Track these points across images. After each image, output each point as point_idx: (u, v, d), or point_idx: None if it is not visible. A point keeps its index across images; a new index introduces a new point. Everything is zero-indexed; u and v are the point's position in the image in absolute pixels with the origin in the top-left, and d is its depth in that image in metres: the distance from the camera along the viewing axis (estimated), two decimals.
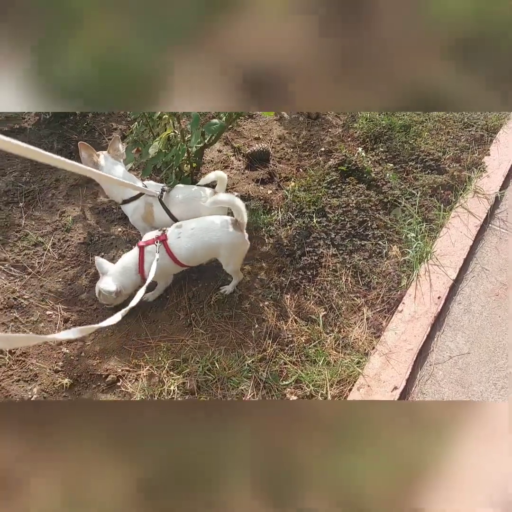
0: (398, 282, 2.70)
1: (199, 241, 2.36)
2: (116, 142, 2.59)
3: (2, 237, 2.78)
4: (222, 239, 2.37)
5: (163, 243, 2.34)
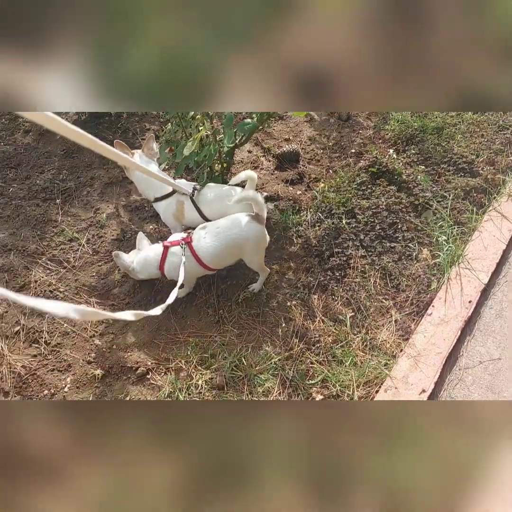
0: (428, 285, 2.66)
1: (225, 239, 2.37)
2: (151, 142, 2.66)
3: (40, 232, 2.89)
4: (248, 234, 2.39)
5: (188, 245, 2.37)
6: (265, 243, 2.54)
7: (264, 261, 2.61)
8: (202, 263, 2.39)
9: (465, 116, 3.84)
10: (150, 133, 3.73)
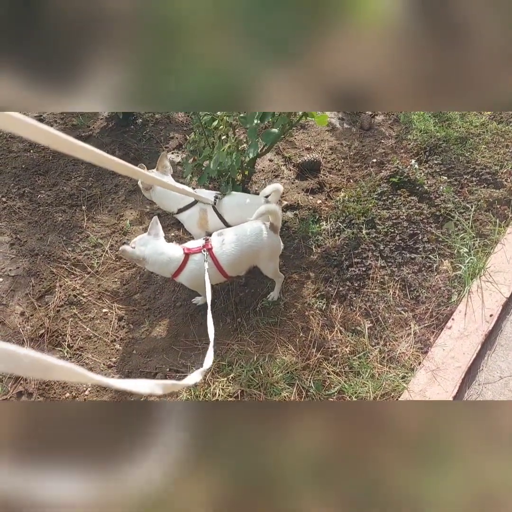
0: (448, 298, 2.64)
1: (242, 246, 2.39)
2: (164, 159, 2.71)
3: (65, 237, 2.98)
4: (263, 242, 2.42)
5: (209, 251, 2.34)
6: (279, 251, 2.57)
7: (278, 268, 2.64)
8: (222, 270, 2.40)
9: (490, 126, 3.79)
10: (174, 141, 3.81)
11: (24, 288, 2.69)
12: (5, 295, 2.64)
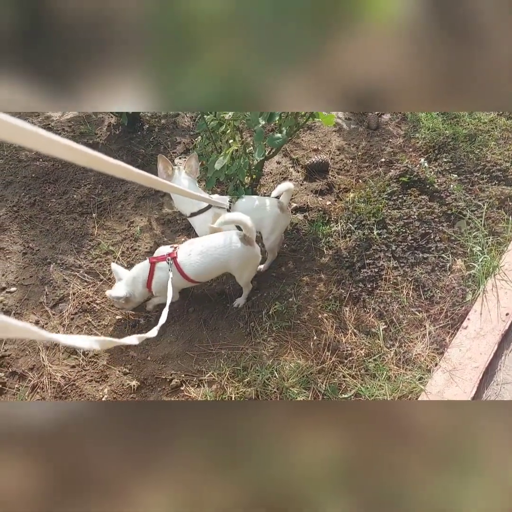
0: (463, 297, 2.61)
1: (208, 258, 2.40)
2: (192, 160, 2.71)
3: (77, 245, 2.99)
4: (231, 255, 2.41)
5: (173, 260, 2.38)
6: (253, 262, 2.53)
7: (251, 278, 2.63)
8: (187, 278, 2.43)
9: (499, 122, 3.76)
10: (181, 146, 3.81)
11: (38, 296, 2.71)
12: (19, 304, 2.66)
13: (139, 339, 1.50)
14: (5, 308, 2.62)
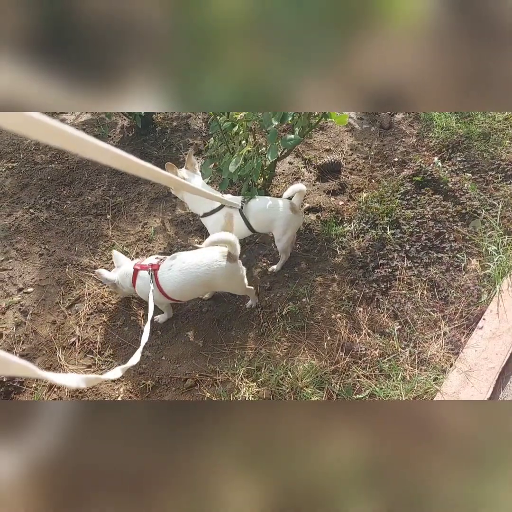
0: (478, 297, 2.59)
1: (189, 275, 2.33)
2: (192, 157, 2.74)
3: (92, 246, 3.03)
4: (216, 273, 2.35)
5: (154, 272, 2.35)
6: (238, 278, 2.47)
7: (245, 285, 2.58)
8: (163, 293, 2.37)
9: None
10: (192, 147, 3.84)
11: (54, 297, 2.75)
12: (36, 304, 2.70)
13: (122, 370, 1.53)
14: (22, 308, 2.67)
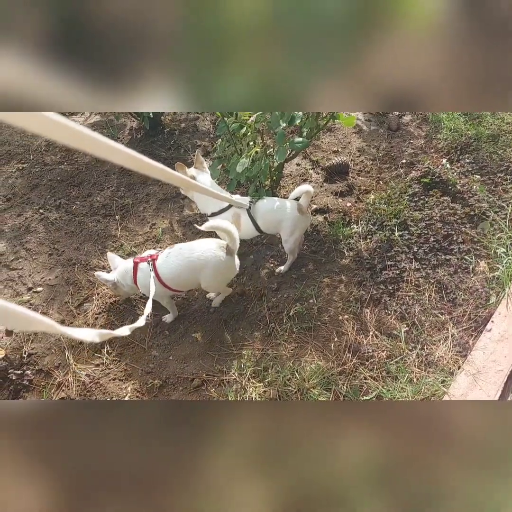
0: (487, 299, 2.57)
1: (184, 261, 2.36)
2: (200, 156, 2.77)
3: (101, 246, 3.05)
4: (208, 261, 2.36)
5: (153, 262, 2.38)
6: (229, 273, 2.51)
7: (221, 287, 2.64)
8: (161, 282, 2.39)
9: None
10: (201, 149, 3.86)
11: (63, 296, 2.77)
12: (45, 303, 2.73)
13: (130, 329, 1.63)
14: (32, 307, 2.70)
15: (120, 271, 2.51)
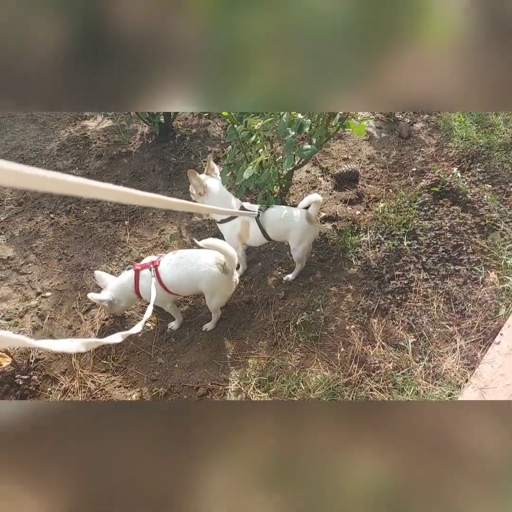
0: (496, 311, 2.54)
1: (182, 271, 2.39)
2: (211, 162, 2.77)
3: (109, 252, 3.08)
4: (203, 276, 2.39)
5: (155, 268, 2.39)
6: (225, 291, 2.51)
7: (220, 305, 2.60)
8: (163, 286, 2.41)
9: None
10: (212, 155, 3.87)
11: (71, 301, 2.80)
12: (53, 308, 2.75)
13: (122, 336, 1.52)
14: (40, 312, 2.72)
15: (114, 287, 2.48)
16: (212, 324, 2.67)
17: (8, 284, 2.88)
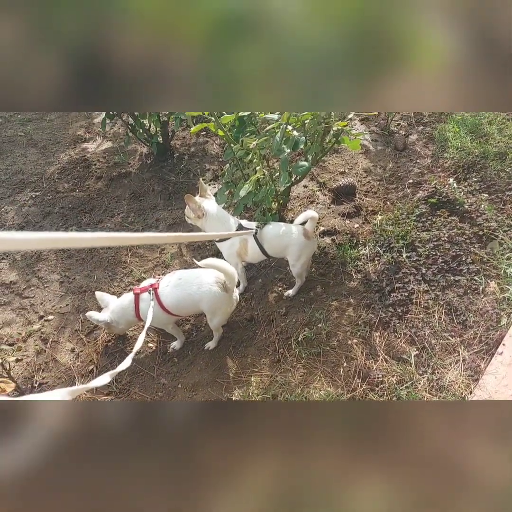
0: (498, 321, 2.54)
1: (182, 292, 2.40)
2: (203, 184, 2.80)
3: (111, 273, 3.10)
4: (204, 296, 2.40)
5: (155, 291, 2.39)
6: (226, 309, 2.51)
7: (221, 324, 2.61)
8: (164, 309, 2.41)
9: None
10: (210, 173, 3.91)
11: (74, 324, 2.81)
12: (56, 332, 2.76)
13: (111, 376, 1.52)
14: (43, 336, 2.73)
15: (115, 309, 2.47)
16: (214, 342, 2.67)
17: (11, 309, 2.90)
